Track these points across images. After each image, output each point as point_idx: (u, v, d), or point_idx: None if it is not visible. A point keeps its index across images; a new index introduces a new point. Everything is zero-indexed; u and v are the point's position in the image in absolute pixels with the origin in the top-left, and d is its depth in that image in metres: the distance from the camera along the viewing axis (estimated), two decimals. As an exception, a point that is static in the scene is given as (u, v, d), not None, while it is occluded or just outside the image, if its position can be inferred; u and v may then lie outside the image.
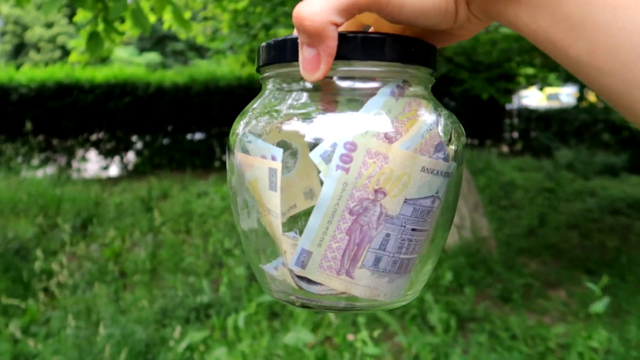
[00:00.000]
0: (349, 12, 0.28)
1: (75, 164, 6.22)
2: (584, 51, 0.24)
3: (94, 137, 6.35)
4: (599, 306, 1.59)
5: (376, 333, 1.57)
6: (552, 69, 5.20)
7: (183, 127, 6.61)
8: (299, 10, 0.27)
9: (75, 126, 6.09)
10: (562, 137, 7.27)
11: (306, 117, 0.31)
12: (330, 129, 0.30)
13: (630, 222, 4.02)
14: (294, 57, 0.30)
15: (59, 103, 5.93)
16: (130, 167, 6.48)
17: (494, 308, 2.46)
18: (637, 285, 2.69)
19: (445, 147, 0.32)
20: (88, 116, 6.08)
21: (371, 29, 0.37)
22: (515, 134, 8.22)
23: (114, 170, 6.47)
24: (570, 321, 2.29)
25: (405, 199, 0.30)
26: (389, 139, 0.30)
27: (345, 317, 1.97)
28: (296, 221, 0.33)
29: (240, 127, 0.34)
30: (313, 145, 0.30)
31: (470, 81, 4.30)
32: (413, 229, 0.31)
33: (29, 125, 5.56)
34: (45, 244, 3.15)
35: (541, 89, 5.76)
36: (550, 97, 12.58)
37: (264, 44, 0.33)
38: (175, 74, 6.76)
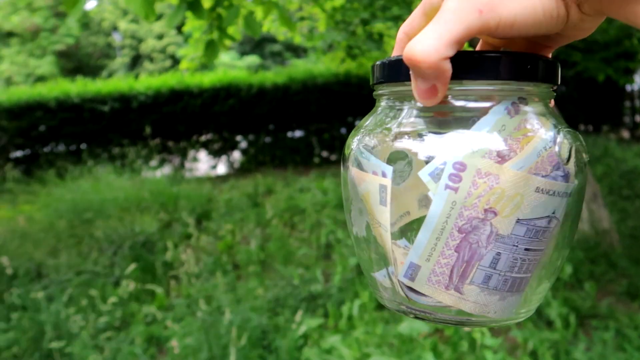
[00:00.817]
0: (461, 43, 0.28)
1: (187, 164, 6.69)
2: None
3: (203, 138, 6.78)
4: None
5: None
6: (680, 43, 4.68)
7: (283, 125, 6.83)
8: (413, 52, 0.27)
9: (186, 129, 6.54)
10: (694, 119, 6.51)
11: (417, 135, 0.32)
12: (440, 148, 0.30)
13: None
14: (408, 77, 0.30)
15: (172, 108, 6.40)
16: (236, 165, 6.83)
17: (619, 305, 2.28)
18: None
19: (563, 166, 0.31)
20: (197, 119, 6.50)
21: (480, 43, 0.37)
22: (638, 118, 7.49)
23: (221, 169, 6.86)
24: None
25: (518, 219, 0.30)
26: (502, 157, 0.29)
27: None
28: (409, 229, 0.34)
29: (355, 142, 0.35)
30: (424, 162, 0.31)
31: (583, 63, 4.00)
32: (527, 249, 0.31)
33: (148, 130, 6.06)
34: (168, 237, 3.43)
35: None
36: (677, 75, 11.29)
37: (378, 62, 0.34)
38: (274, 75, 7.00)
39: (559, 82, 0.33)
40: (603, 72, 3.92)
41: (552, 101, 0.35)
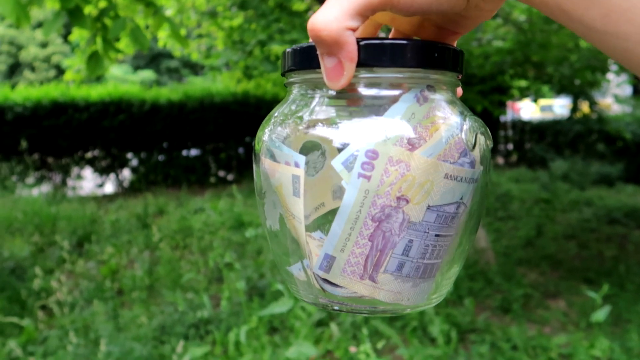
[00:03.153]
0: (363, 15, 0.28)
1: (70, 182, 6.20)
2: (598, 17, 0.24)
3: (89, 155, 6.33)
4: (600, 315, 1.59)
5: (379, 345, 1.57)
6: (545, 81, 5.26)
7: (178, 143, 6.61)
8: (314, 22, 0.28)
9: (70, 144, 6.08)
10: (556, 148, 7.32)
11: (330, 123, 0.32)
12: (353, 136, 0.30)
13: (628, 231, 4.03)
14: (319, 64, 0.30)
15: (54, 122, 5.92)
16: (125, 184, 6.46)
17: (494, 319, 2.45)
18: (636, 294, 2.69)
19: (470, 152, 0.32)
20: (83, 134, 6.08)
21: (392, 32, 0.37)
22: (510, 146, 8.27)
23: (109, 188, 6.45)
24: (571, 331, 2.28)
25: (429, 206, 0.30)
26: (412, 144, 0.30)
27: (346, 331, 1.96)
28: (324, 221, 0.33)
29: (266, 133, 0.34)
30: (337, 150, 0.30)
31: (464, 94, 4.35)
32: (437, 235, 0.31)
33: (24, 144, 5.54)
34: (41, 262, 3.12)
35: (535, 101, 5.81)
36: (543, 109, 12.70)
37: (289, 49, 0.34)
38: (170, 91, 6.78)
39: (463, 72, 0.34)
40: (480, 103, 4.28)
41: (460, 90, 0.36)
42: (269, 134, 0.34)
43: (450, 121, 0.31)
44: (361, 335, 1.63)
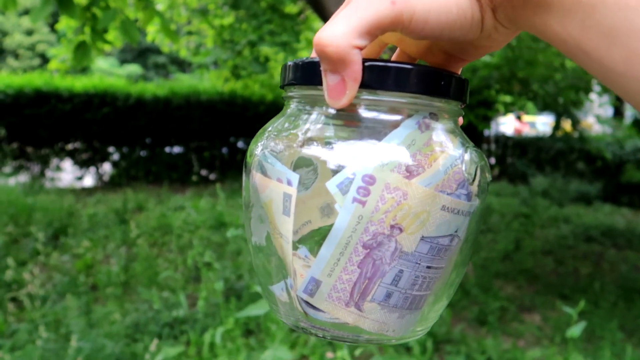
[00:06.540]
0: (372, 34, 0.26)
1: (49, 173, 6.08)
2: (619, 59, 0.23)
3: (69, 146, 6.23)
4: (576, 330, 1.60)
5: (356, 352, 1.56)
6: (529, 97, 5.33)
7: (162, 140, 6.54)
8: (321, 36, 0.26)
9: (51, 135, 5.97)
10: (537, 164, 7.42)
11: (326, 143, 0.30)
12: (350, 158, 0.29)
13: (603, 250, 4.10)
14: (321, 81, 0.29)
15: (36, 111, 5.81)
16: (105, 178, 6.37)
17: (470, 331, 2.46)
18: (610, 311, 2.73)
19: (468, 185, 0.31)
20: (65, 125, 5.98)
21: (397, 53, 0.36)
22: (492, 160, 8.36)
23: (88, 181, 6.35)
24: (545, 345, 2.30)
25: (422, 237, 0.29)
26: (410, 172, 0.29)
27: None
28: (309, 238, 0.32)
29: (259, 146, 0.33)
30: (332, 172, 0.29)
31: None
32: (428, 267, 0.31)
33: (2, 132, 5.43)
34: (14, 253, 3.05)
35: (519, 117, 5.90)
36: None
37: (291, 62, 0.32)
38: (156, 87, 6.71)
39: (467, 101, 0.33)
40: (465, 117, 4.33)
41: (461, 119, 0.35)
42: (262, 148, 0.32)
43: (450, 151, 0.30)
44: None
